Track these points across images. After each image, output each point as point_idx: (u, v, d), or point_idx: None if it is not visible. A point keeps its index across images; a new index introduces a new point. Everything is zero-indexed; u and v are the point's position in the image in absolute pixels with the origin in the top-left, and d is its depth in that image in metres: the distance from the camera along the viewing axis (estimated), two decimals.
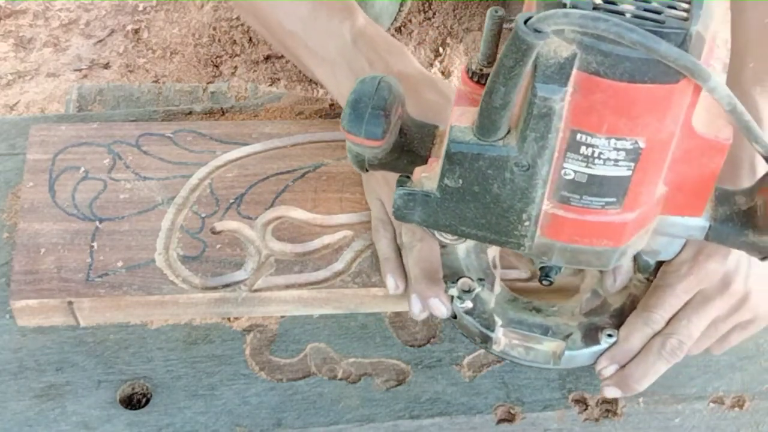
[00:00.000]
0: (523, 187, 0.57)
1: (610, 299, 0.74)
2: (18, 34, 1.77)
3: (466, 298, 0.71)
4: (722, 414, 0.76)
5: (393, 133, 0.61)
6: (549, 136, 0.54)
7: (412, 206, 0.61)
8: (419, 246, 0.74)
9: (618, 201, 0.57)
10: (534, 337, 0.71)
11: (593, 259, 0.62)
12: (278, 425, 0.73)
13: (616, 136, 0.54)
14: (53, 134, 0.85)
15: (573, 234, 0.59)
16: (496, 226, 0.60)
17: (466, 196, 0.59)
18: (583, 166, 0.55)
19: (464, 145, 0.56)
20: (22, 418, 0.71)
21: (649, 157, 0.55)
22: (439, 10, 1.67)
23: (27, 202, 0.80)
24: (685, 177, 0.59)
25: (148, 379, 0.74)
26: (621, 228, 0.59)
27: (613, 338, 0.71)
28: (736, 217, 0.63)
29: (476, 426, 0.74)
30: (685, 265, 0.71)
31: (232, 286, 0.76)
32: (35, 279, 0.75)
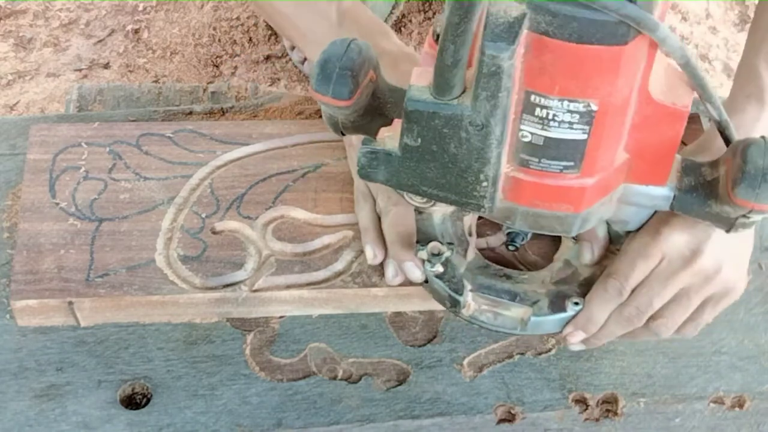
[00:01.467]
0: (479, 147, 0.58)
1: (580, 269, 0.75)
2: (18, 34, 1.77)
3: (435, 262, 0.72)
4: (722, 414, 0.76)
5: (363, 95, 0.62)
6: (500, 95, 0.55)
7: (375, 165, 0.62)
8: (394, 210, 0.76)
9: (576, 165, 0.58)
10: (502, 303, 0.72)
11: (555, 224, 0.63)
12: (278, 425, 0.73)
13: (568, 98, 0.55)
14: (53, 134, 0.85)
15: (533, 198, 0.61)
16: (455, 187, 0.61)
17: (425, 155, 0.60)
18: (539, 129, 0.57)
19: (421, 103, 0.57)
20: (22, 418, 0.71)
21: (604, 121, 0.56)
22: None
23: (27, 202, 0.80)
24: (645, 144, 0.60)
25: (148, 379, 0.74)
26: (580, 193, 0.60)
27: (579, 306, 0.72)
28: (701, 187, 0.64)
29: (476, 426, 0.74)
30: (646, 233, 0.71)
31: (232, 286, 0.76)
32: (35, 279, 0.75)
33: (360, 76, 0.61)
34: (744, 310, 0.81)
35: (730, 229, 0.64)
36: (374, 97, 0.63)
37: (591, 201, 0.61)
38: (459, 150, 0.58)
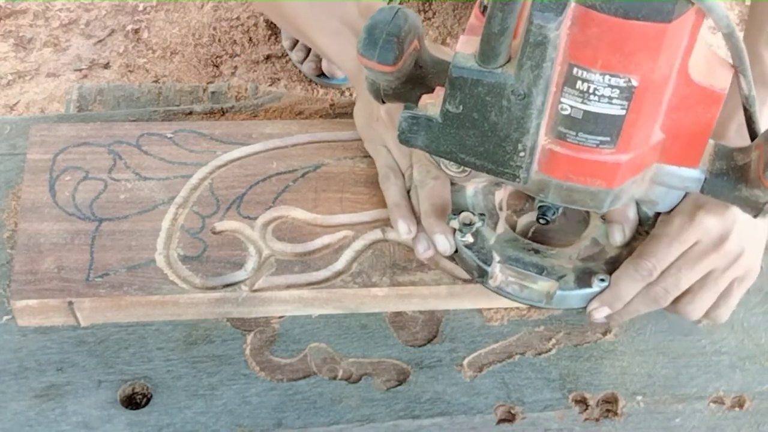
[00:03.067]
0: (519, 117, 0.59)
1: (607, 248, 0.76)
2: (18, 34, 1.77)
3: (466, 231, 0.73)
4: (722, 414, 0.76)
5: (407, 63, 0.63)
6: (544, 65, 0.56)
7: (415, 130, 0.63)
8: (432, 183, 0.76)
9: (612, 140, 0.59)
10: (529, 276, 0.73)
11: (587, 199, 0.64)
12: (278, 425, 0.73)
13: (610, 73, 0.56)
14: (53, 134, 0.85)
15: (568, 171, 0.62)
16: (493, 156, 0.62)
17: (466, 122, 0.61)
18: (579, 102, 0.58)
19: (465, 71, 0.58)
20: (22, 418, 0.71)
21: (643, 98, 0.57)
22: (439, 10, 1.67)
23: (27, 202, 0.80)
24: (681, 125, 0.61)
25: (148, 379, 0.74)
26: (614, 168, 0.61)
27: (605, 282, 0.73)
28: (732, 171, 0.65)
29: (476, 426, 0.74)
30: (682, 217, 0.73)
31: (232, 286, 0.76)
32: (35, 279, 0.75)
33: (405, 43, 0.62)
34: (744, 310, 0.81)
35: (758, 214, 0.65)
36: (417, 66, 0.65)
37: (624, 178, 0.62)
38: (499, 119, 0.59)
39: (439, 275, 0.78)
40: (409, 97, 0.65)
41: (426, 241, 0.76)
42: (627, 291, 0.73)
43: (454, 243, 0.75)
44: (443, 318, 0.79)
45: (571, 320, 0.80)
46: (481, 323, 0.79)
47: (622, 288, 0.72)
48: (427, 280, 0.77)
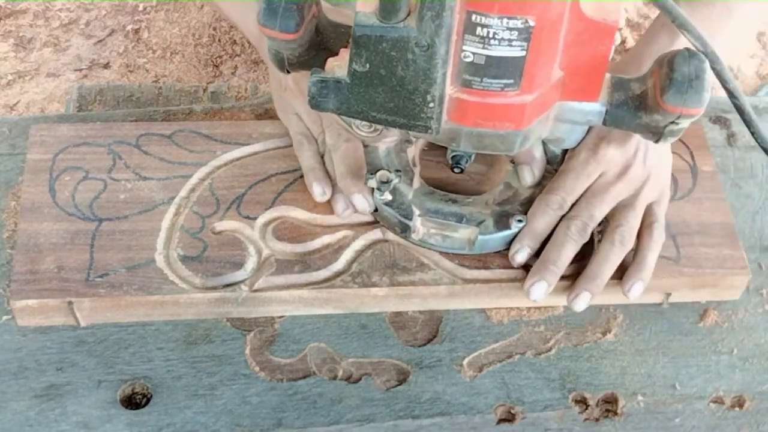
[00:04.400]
0: (425, 68, 0.60)
1: (521, 190, 0.79)
2: (18, 34, 1.78)
3: (384, 190, 0.76)
4: (722, 414, 0.76)
5: (308, 30, 0.64)
6: (444, 15, 0.57)
7: (325, 94, 0.64)
8: (345, 146, 0.79)
9: (516, 82, 0.61)
10: (450, 225, 0.77)
11: (498, 143, 0.66)
12: (278, 425, 0.73)
13: (507, 15, 0.57)
14: (53, 134, 0.85)
15: (477, 117, 0.64)
16: (404, 110, 0.63)
17: (374, 80, 0.62)
18: (480, 48, 0.59)
19: (368, 28, 0.59)
20: (22, 418, 0.71)
21: (541, 37, 0.59)
22: None
23: (27, 202, 0.80)
24: (578, 61, 0.63)
25: (148, 379, 0.74)
26: (521, 110, 0.63)
27: (522, 223, 0.77)
28: (631, 101, 0.67)
29: (476, 426, 0.74)
30: (586, 151, 0.77)
31: (232, 286, 0.76)
32: (35, 279, 0.75)
33: (305, 9, 0.63)
34: (744, 310, 0.81)
35: (659, 138, 0.68)
36: (317, 32, 0.66)
37: (531, 118, 0.65)
38: (406, 72, 0.61)
39: (439, 275, 0.78)
40: (314, 64, 0.66)
41: (344, 201, 0.79)
42: (542, 225, 0.76)
43: (372, 202, 0.78)
44: (443, 318, 0.79)
45: (571, 320, 0.80)
46: (481, 323, 0.79)
47: (537, 223, 0.76)
48: (427, 280, 0.77)
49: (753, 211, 0.88)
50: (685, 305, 0.81)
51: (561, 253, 0.75)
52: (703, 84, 0.64)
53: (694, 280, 0.80)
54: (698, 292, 0.81)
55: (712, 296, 0.81)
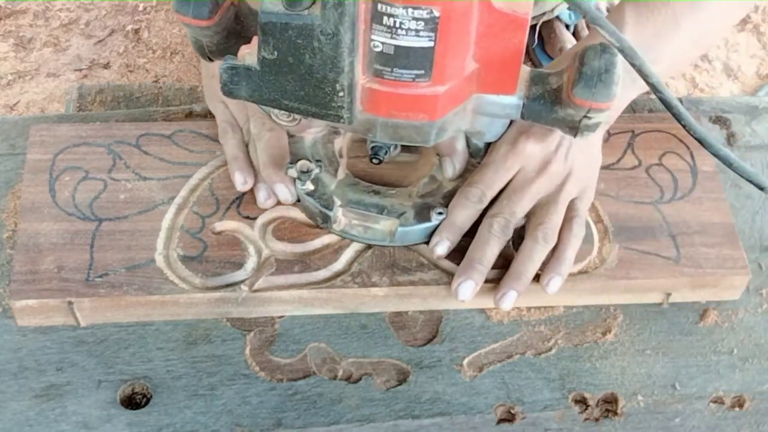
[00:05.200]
0: (332, 56, 0.60)
1: (445, 183, 0.79)
2: (18, 34, 1.78)
3: (305, 179, 0.76)
4: (722, 414, 0.76)
5: (225, 17, 0.65)
6: (346, 3, 0.57)
7: (237, 81, 0.64)
8: (268, 135, 0.79)
9: (426, 73, 0.61)
10: (371, 216, 0.77)
11: (413, 134, 0.66)
12: (278, 425, 0.73)
13: (412, 5, 0.58)
14: (53, 134, 0.85)
15: (390, 108, 0.64)
16: (314, 98, 0.63)
17: (283, 67, 0.62)
18: (388, 37, 0.59)
19: (274, 15, 0.59)
20: (22, 418, 0.71)
21: (448, 27, 0.59)
22: None
23: (27, 202, 0.80)
24: (491, 53, 0.63)
25: (148, 379, 0.74)
26: (433, 101, 0.63)
27: (443, 215, 0.77)
28: (548, 95, 0.67)
29: (476, 426, 0.74)
30: (506, 145, 0.77)
31: (232, 286, 0.76)
32: (35, 279, 0.75)
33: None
34: (744, 310, 0.81)
35: (576, 133, 0.68)
36: (237, 20, 0.66)
37: (445, 110, 0.65)
38: (314, 60, 0.60)
39: (439, 275, 0.78)
40: (233, 51, 0.66)
41: (266, 191, 0.79)
42: (461, 218, 0.76)
43: (294, 192, 0.78)
44: (443, 318, 0.79)
45: (571, 320, 0.80)
46: (481, 323, 0.79)
47: (456, 216, 0.76)
48: (427, 280, 0.77)
49: (753, 211, 0.88)
50: (685, 305, 0.81)
51: (486, 251, 0.75)
52: (612, 78, 0.64)
53: (694, 280, 0.80)
54: (698, 292, 0.81)
55: (712, 296, 0.81)
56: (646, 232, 0.82)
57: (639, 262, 0.80)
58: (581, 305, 0.81)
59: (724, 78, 1.72)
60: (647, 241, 0.82)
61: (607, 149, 0.87)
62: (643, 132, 0.90)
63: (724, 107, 0.95)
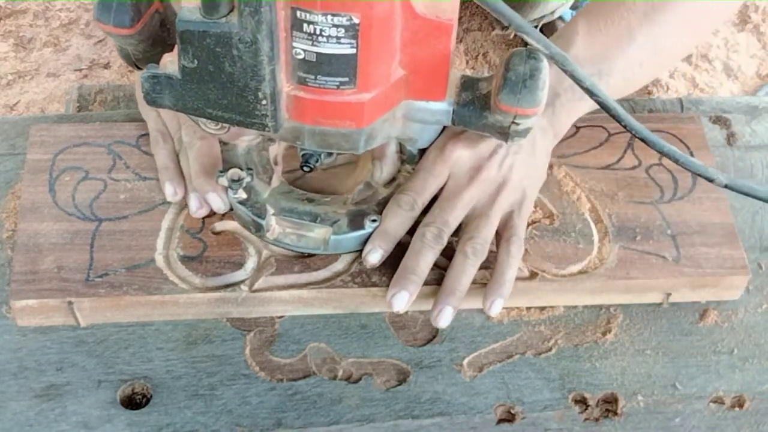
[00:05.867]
0: (252, 64, 0.59)
1: (380, 190, 0.78)
2: (18, 34, 1.78)
3: (236, 188, 0.75)
4: (722, 414, 0.76)
5: (150, 25, 0.64)
6: (262, 10, 0.56)
7: (159, 89, 0.63)
8: (199, 144, 0.78)
9: (351, 80, 0.61)
10: (304, 225, 0.76)
11: (342, 142, 0.65)
12: (278, 425, 0.73)
13: (331, 12, 0.57)
14: (53, 134, 0.85)
15: (316, 115, 0.63)
16: (237, 107, 0.62)
17: (204, 76, 0.61)
18: (309, 45, 0.59)
19: (191, 23, 0.58)
20: (22, 418, 0.71)
21: (369, 34, 0.58)
22: None
23: (27, 202, 0.80)
24: (418, 59, 0.63)
25: (148, 379, 0.74)
26: (359, 108, 0.62)
27: (376, 223, 0.76)
28: (477, 100, 0.67)
29: (476, 426, 0.74)
30: (436, 151, 0.76)
31: (232, 286, 0.76)
32: (35, 279, 0.75)
33: (142, 5, 0.62)
34: (744, 310, 0.81)
35: (507, 138, 0.67)
36: (163, 27, 0.65)
37: (372, 117, 0.64)
38: (234, 68, 0.60)
39: (438, 275, 0.78)
40: (160, 60, 0.65)
41: (198, 200, 0.77)
42: (393, 226, 0.75)
43: (227, 200, 0.77)
44: None
45: (571, 320, 0.80)
46: (481, 323, 0.79)
47: (389, 223, 0.75)
48: (427, 279, 0.77)
49: (753, 211, 0.88)
50: (685, 305, 0.81)
51: (419, 261, 0.74)
52: (537, 84, 0.63)
53: (694, 280, 0.80)
54: (698, 292, 0.81)
55: (712, 296, 0.81)
56: (646, 232, 0.82)
57: (639, 262, 0.80)
58: (581, 305, 0.81)
59: (724, 78, 1.72)
60: (647, 241, 0.82)
61: (607, 149, 0.87)
62: None
63: (724, 107, 0.95)
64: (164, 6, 0.65)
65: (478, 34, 1.64)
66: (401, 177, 0.79)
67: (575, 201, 0.84)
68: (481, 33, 1.65)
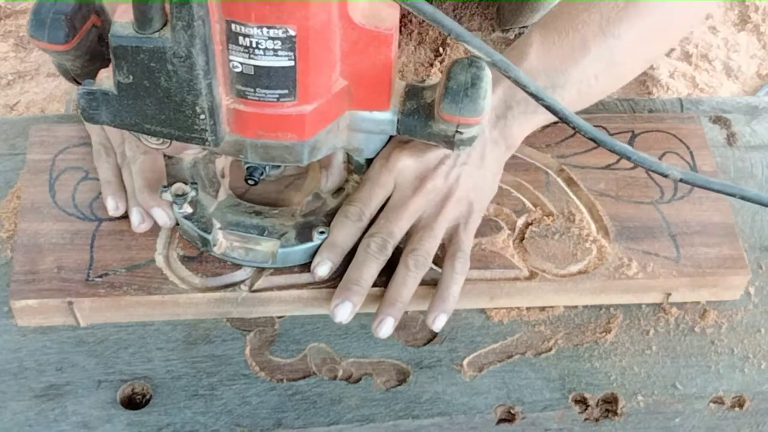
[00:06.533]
0: (187, 79, 0.58)
1: (328, 201, 0.77)
2: (18, 34, 1.77)
3: (181, 203, 0.73)
4: (722, 414, 0.76)
5: (86, 40, 0.62)
6: (195, 24, 0.55)
7: (95, 106, 0.62)
8: (142, 158, 0.76)
9: (291, 92, 0.60)
10: (252, 238, 0.75)
11: (285, 154, 0.65)
12: (278, 425, 0.73)
13: (266, 25, 0.56)
14: (53, 134, 0.85)
15: (257, 128, 0.62)
16: (176, 122, 0.61)
17: (140, 91, 0.60)
18: (246, 58, 0.58)
19: (124, 39, 0.57)
20: (22, 418, 0.71)
21: (307, 46, 0.57)
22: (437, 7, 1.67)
23: (27, 202, 0.80)
24: (359, 69, 0.62)
25: (148, 379, 0.74)
26: (300, 120, 0.62)
27: (324, 234, 0.74)
28: (422, 109, 0.66)
29: (476, 426, 0.74)
30: (381, 160, 0.74)
31: (232, 286, 0.76)
32: (35, 279, 0.75)
33: (77, 19, 0.61)
34: (744, 310, 0.81)
35: (453, 147, 0.66)
36: (101, 42, 0.64)
37: (314, 128, 0.63)
38: (170, 83, 0.59)
39: (438, 275, 0.78)
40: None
41: (140, 215, 0.76)
42: (341, 237, 0.74)
43: (172, 215, 0.75)
44: None
45: (571, 320, 0.80)
46: (481, 323, 0.79)
47: (337, 235, 0.74)
48: (427, 279, 0.77)
49: (753, 211, 0.88)
50: (685, 305, 0.81)
51: (363, 271, 0.73)
52: (479, 92, 0.63)
53: (694, 280, 0.80)
54: (698, 292, 0.81)
55: (712, 296, 0.81)
56: (646, 232, 0.82)
57: (639, 262, 0.80)
58: (581, 305, 0.81)
59: (724, 78, 1.72)
60: (647, 241, 0.82)
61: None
62: (643, 132, 0.90)
63: (724, 107, 0.95)
64: (101, 20, 0.64)
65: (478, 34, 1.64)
66: (349, 187, 0.78)
67: (575, 201, 0.84)
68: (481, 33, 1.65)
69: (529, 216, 0.82)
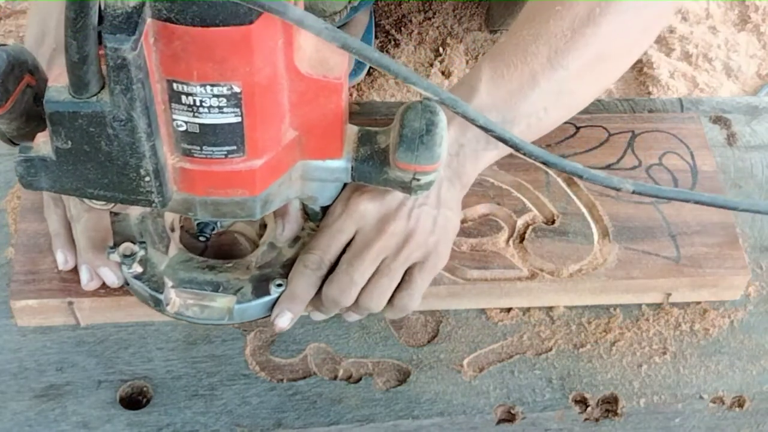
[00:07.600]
0: (129, 142, 0.56)
1: (284, 251, 0.74)
2: (18, 34, 1.77)
3: (130, 263, 0.70)
4: (722, 414, 0.76)
5: (20, 101, 0.59)
6: (134, 87, 0.53)
7: (34, 173, 0.59)
8: (86, 216, 0.73)
9: (239, 148, 0.58)
10: (206, 295, 0.71)
11: (237, 210, 0.62)
12: (278, 425, 0.73)
13: (209, 83, 0.54)
14: None
15: (206, 186, 0.60)
16: (120, 185, 0.59)
17: (80, 156, 0.57)
18: (190, 116, 0.56)
19: (60, 104, 0.54)
20: (22, 418, 0.71)
21: (253, 101, 0.55)
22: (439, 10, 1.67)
23: (27, 202, 0.80)
24: (310, 119, 0.60)
25: (148, 379, 0.74)
26: (250, 175, 0.60)
27: (282, 287, 0.71)
28: (376, 155, 0.64)
29: (476, 426, 0.74)
30: (340, 206, 0.72)
31: None
32: (35, 279, 0.75)
33: (9, 82, 0.58)
34: (744, 310, 0.81)
35: (410, 192, 0.65)
36: (38, 102, 0.59)
37: (265, 182, 0.61)
38: (111, 147, 0.56)
39: (439, 275, 0.77)
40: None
41: (89, 272, 0.73)
42: (301, 288, 0.71)
43: (121, 275, 0.72)
44: (443, 318, 0.79)
45: (571, 320, 0.80)
46: (481, 323, 0.79)
47: (296, 287, 0.71)
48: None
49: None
50: (685, 305, 0.81)
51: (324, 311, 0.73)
52: (434, 139, 0.61)
53: (694, 280, 0.80)
54: (698, 292, 0.81)
55: (712, 296, 0.81)
56: (646, 232, 0.82)
57: (639, 262, 0.80)
58: (581, 305, 0.81)
59: (724, 78, 1.72)
60: (647, 241, 0.82)
61: (608, 149, 0.87)
62: (643, 132, 0.90)
63: (724, 107, 0.95)
64: (36, 79, 0.60)
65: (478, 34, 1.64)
66: (305, 235, 0.75)
67: (575, 201, 0.84)
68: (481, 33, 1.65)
69: (529, 216, 0.82)
